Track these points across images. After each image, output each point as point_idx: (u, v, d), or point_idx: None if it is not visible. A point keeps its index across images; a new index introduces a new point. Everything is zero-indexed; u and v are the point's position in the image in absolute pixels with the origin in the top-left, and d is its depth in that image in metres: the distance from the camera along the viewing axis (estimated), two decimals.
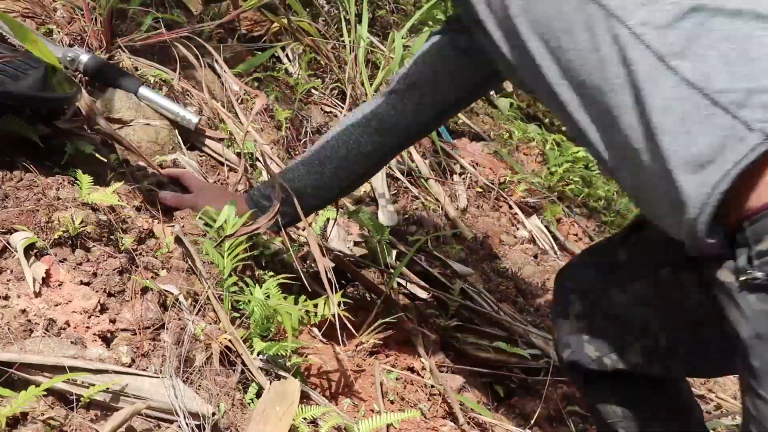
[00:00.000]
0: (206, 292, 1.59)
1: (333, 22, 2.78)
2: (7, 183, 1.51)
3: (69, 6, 2.14)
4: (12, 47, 1.87)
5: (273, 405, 1.44)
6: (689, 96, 1.05)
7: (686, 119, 1.04)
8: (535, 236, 2.70)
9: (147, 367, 1.37)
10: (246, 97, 2.29)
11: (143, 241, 1.63)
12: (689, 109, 1.04)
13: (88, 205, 1.55)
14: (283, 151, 2.23)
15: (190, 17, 2.39)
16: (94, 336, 1.37)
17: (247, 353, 1.53)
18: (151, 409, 1.30)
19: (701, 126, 1.03)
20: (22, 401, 1.16)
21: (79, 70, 1.96)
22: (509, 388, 2.11)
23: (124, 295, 1.47)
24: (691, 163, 1.03)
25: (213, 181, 1.98)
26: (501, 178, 2.87)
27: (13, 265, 1.39)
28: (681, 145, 1.04)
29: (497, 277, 2.40)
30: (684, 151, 1.04)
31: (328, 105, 2.56)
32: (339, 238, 2.08)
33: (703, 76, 1.04)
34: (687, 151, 1.04)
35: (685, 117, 1.05)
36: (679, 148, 1.05)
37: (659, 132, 1.06)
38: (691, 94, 1.05)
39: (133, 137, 1.90)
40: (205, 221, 1.72)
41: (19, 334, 1.29)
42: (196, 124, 2.00)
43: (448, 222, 2.46)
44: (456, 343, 2.09)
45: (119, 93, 1.94)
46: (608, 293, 1.44)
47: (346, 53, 2.66)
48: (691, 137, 1.04)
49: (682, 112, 1.05)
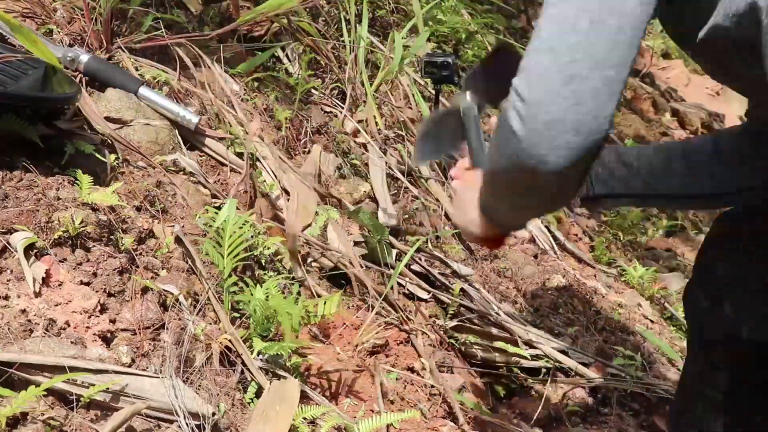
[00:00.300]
0: (206, 292, 1.59)
1: (333, 22, 2.78)
2: (7, 183, 1.51)
3: (69, 6, 2.14)
4: (12, 47, 1.87)
5: (273, 405, 1.44)
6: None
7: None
8: (535, 236, 2.70)
9: (147, 367, 1.37)
10: (246, 97, 2.29)
11: (143, 241, 1.63)
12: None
13: (88, 205, 1.55)
14: (283, 151, 2.23)
15: (190, 17, 2.39)
16: (94, 336, 1.37)
17: (247, 353, 1.53)
18: (151, 409, 1.30)
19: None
20: (22, 401, 1.16)
21: (79, 70, 1.96)
22: (509, 388, 2.11)
23: (124, 295, 1.47)
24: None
25: (213, 181, 1.98)
26: None
27: (13, 265, 1.39)
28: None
29: (497, 277, 2.40)
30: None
31: (328, 105, 2.56)
32: (339, 238, 2.08)
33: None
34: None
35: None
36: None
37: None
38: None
39: (133, 137, 1.90)
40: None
41: (19, 334, 1.29)
42: (196, 124, 2.00)
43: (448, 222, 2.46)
44: (456, 343, 2.09)
45: (119, 93, 1.94)
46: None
47: (346, 53, 2.66)
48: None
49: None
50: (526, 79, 0.98)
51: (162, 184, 1.82)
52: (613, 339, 2.40)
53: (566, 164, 0.97)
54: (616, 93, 0.97)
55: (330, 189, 2.24)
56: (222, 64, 2.28)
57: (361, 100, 2.63)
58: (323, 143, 2.35)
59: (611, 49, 0.97)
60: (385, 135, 2.59)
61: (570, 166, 0.98)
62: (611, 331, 2.43)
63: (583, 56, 0.95)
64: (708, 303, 1.35)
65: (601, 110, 0.96)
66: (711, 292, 1.35)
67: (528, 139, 0.97)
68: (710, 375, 1.38)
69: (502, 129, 1.02)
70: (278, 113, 2.29)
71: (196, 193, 1.87)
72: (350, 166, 2.38)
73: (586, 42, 0.96)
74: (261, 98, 2.33)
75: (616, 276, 2.81)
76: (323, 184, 2.22)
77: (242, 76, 2.34)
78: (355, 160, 2.41)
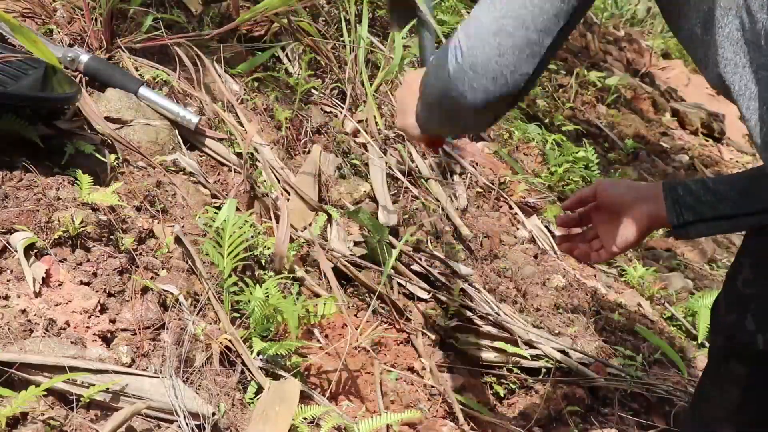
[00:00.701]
0: (206, 292, 1.59)
1: (333, 22, 2.78)
2: (7, 183, 1.51)
3: (69, 6, 2.14)
4: (12, 47, 1.88)
5: (273, 405, 1.44)
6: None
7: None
8: (535, 236, 2.70)
9: (147, 367, 1.37)
10: (246, 97, 2.29)
11: (143, 241, 1.63)
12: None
13: (88, 205, 1.55)
14: (283, 151, 2.23)
15: (190, 17, 2.39)
16: (94, 336, 1.37)
17: (247, 353, 1.53)
18: (151, 409, 1.30)
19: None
20: (22, 401, 1.16)
21: (79, 70, 1.96)
22: (509, 388, 2.11)
23: (124, 295, 1.47)
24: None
25: (213, 181, 1.98)
26: (501, 178, 2.87)
27: (13, 265, 1.39)
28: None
29: (497, 277, 2.40)
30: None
31: (328, 105, 2.56)
32: (339, 238, 2.08)
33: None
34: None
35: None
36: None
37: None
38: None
39: (133, 137, 1.90)
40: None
41: (19, 334, 1.29)
42: (196, 124, 2.00)
43: (448, 222, 2.46)
44: (456, 343, 2.09)
45: (119, 93, 1.94)
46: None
47: (346, 53, 2.66)
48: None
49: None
50: (467, 24, 1.12)
51: (162, 184, 1.82)
52: (613, 339, 2.40)
53: (482, 105, 1.12)
54: (537, 55, 1.09)
55: (330, 189, 2.24)
56: (222, 64, 2.29)
57: (361, 100, 2.63)
58: (323, 143, 2.35)
59: (537, 15, 1.08)
60: (385, 135, 2.59)
61: (484, 108, 1.13)
62: (611, 331, 2.43)
63: (513, 16, 1.08)
64: (733, 316, 1.37)
65: (518, 67, 1.09)
66: (735, 305, 1.37)
67: (455, 73, 1.12)
68: (726, 386, 1.40)
69: (441, 56, 1.17)
70: (278, 113, 2.29)
71: (196, 193, 1.87)
72: (350, 166, 2.38)
73: (517, 3, 1.08)
74: (261, 98, 2.33)
75: (616, 276, 2.81)
76: (323, 184, 2.22)
77: (242, 76, 2.34)
78: (355, 160, 2.41)
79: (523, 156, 3.18)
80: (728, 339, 1.39)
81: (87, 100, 1.88)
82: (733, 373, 1.38)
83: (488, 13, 1.09)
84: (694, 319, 2.66)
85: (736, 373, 1.38)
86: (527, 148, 3.24)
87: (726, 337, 1.40)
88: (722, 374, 1.42)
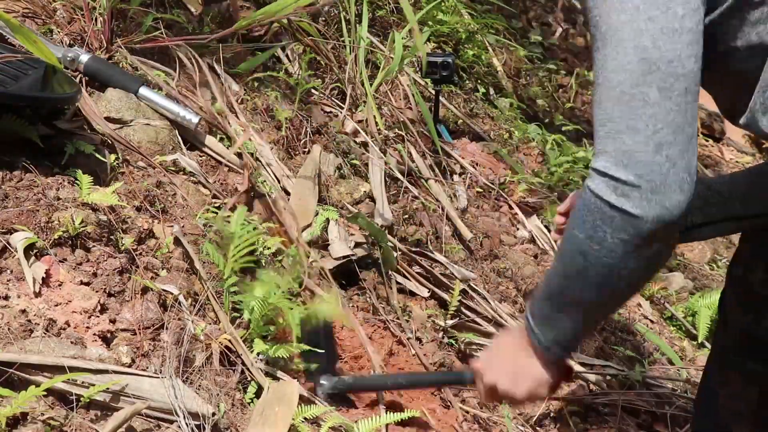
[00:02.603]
0: (206, 292, 1.59)
1: (333, 22, 2.78)
2: (7, 183, 1.51)
3: (69, 6, 2.14)
4: (12, 47, 1.88)
5: (272, 405, 1.44)
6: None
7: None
8: (535, 236, 2.70)
9: (147, 367, 1.37)
10: (246, 97, 2.29)
11: (143, 241, 1.63)
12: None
13: (88, 205, 1.55)
14: (283, 151, 2.23)
15: (190, 17, 2.39)
16: (94, 336, 1.37)
17: (247, 353, 1.53)
18: (151, 409, 1.30)
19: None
20: (22, 401, 1.16)
21: (79, 70, 1.96)
22: None
23: (124, 295, 1.47)
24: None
25: (213, 181, 1.98)
26: (501, 178, 2.87)
27: (13, 265, 1.39)
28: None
29: (497, 277, 2.40)
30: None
31: (328, 105, 2.56)
32: (340, 238, 2.08)
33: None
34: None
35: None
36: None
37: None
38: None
39: (133, 137, 1.90)
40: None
41: (19, 334, 1.29)
42: (196, 124, 2.00)
43: (448, 222, 2.46)
44: (456, 343, 2.09)
45: (119, 93, 1.94)
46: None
47: (346, 53, 2.66)
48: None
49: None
50: (616, 163, 1.03)
51: (162, 184, 1.82)
52: (613, 339, 2.40)
53: (679, 219, 1.04)
54: (696, 143, 1.05)
55: (330, 189, 2.24)
56: (222, 64, 2.29)
57: (361, 100, 2.63)
58: (323, 143, 2.35)
59: (685, 111, 1.03)
60: (385, 135, 2.59)
61: (678, 222, 1.05)
62: (611, 331, 2.43)
63: (664, 124, 1.02)
64: (750, 316, 1.38)
65: (690, 164, 1.04)
66: (753, 306, 1.37)
67: (646, 210, 1.03)
68: (744, 386, 1.41)
69: (604, 222, 1.06)
70: (278, 113, 2.29)
71: (196, 193, 1.87)
72: (350, 166, 2.38)
73: (662, 111, 1.02)
74: (261, 98, 2.33)
75: None
76: (323, 184, 2.22)
77: (242, 76, 2.34)
78: (355, 160, 2.41)
79: (523, 156, 3.18)
80: (745, 339, 1.40)
81: (87, 100, 1.88)
82: (752, 373, 1.39)
83: (635, 138, 1.02)
84: (694, 319, 2.66)
85: (755, 373, 1.38)
86: (527, 148, 3.24)
87: (742, 338, 1.41)
88: (740, 374, 1.43)
